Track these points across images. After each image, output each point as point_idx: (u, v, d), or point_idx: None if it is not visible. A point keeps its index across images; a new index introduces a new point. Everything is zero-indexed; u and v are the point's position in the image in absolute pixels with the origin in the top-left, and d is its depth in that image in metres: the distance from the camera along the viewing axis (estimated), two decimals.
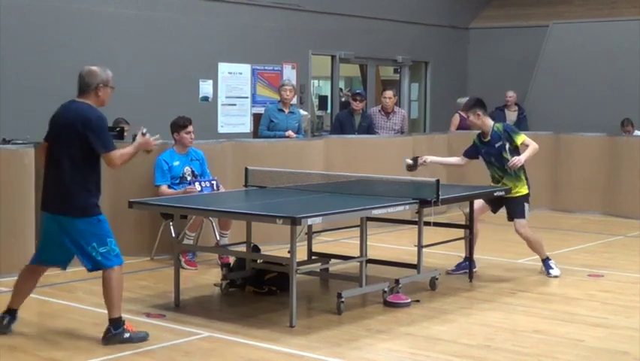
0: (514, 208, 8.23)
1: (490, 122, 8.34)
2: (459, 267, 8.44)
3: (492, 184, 8.40)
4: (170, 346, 5.97)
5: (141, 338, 6.01)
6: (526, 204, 8.26)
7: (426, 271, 7.72)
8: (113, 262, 5.97)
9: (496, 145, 8.23)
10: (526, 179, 8.33)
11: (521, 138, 8.22)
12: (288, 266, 6.52)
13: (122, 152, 6.02)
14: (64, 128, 5.96)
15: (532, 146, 8.21)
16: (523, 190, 8.26)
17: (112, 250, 5.98)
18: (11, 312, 6.25)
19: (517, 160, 8.10)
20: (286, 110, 10.94)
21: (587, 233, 10.21)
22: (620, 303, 7.33)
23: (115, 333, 5.95)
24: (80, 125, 5.90)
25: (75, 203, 5.92)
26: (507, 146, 8.19)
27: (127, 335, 5.96)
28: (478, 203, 8.30)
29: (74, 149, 5.92)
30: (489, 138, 8.31)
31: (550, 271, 8.27)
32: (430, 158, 8.53)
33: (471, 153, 8.53)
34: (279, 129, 10.78)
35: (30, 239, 8.23)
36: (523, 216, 8.21)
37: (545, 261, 8.36)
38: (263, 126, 10.94)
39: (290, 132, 10.72)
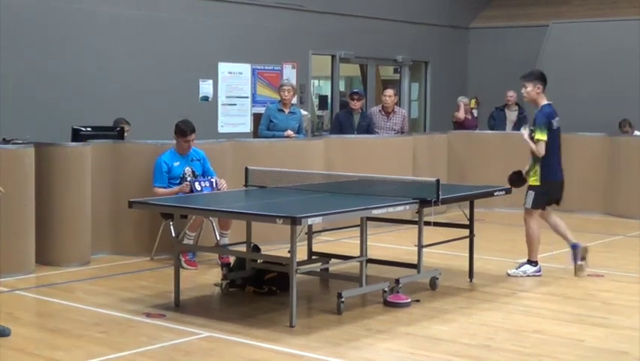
0: None
1: (544, 101, 8.35)
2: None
3: None
4: (170, 346, 5.96)
5: None
6: None
7: (426, 271, 7.72)
8: None
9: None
10: None
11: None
12: (288, 266, 6.51)
13: None
14: None
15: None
16: None
17: None
18: None
19: None
20: (286, 110, 10.93)
21: (587, 233, 10.17)
22: (620, 303, 7.33)
23: None
24: None
25: None
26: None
27: None
28: None
29: None
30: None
31: None
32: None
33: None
34: (279, 129, 10.76)
35: (30, 239, 8.23)
36: None
37: None
38: (263, 126, 10.94)
39: (289, 132, 10.71)
